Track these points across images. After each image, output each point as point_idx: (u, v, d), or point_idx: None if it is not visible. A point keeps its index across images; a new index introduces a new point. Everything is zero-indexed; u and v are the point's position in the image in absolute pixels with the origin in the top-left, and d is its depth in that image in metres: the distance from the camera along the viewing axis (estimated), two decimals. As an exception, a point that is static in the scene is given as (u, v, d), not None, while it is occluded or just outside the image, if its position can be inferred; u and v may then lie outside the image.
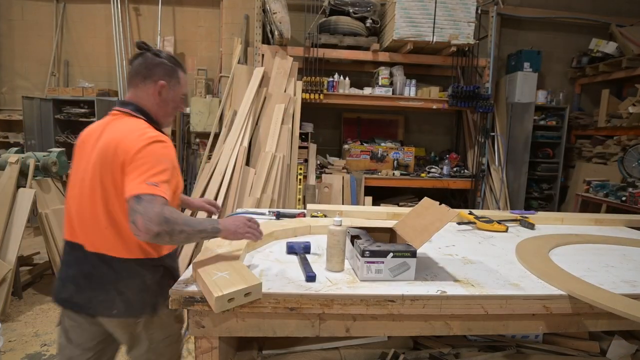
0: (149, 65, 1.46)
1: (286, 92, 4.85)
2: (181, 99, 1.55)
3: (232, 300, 1.16)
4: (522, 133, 5.43)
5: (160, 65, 1.47)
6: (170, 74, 1.48)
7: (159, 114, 1.51)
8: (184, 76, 1.54)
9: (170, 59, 1.51)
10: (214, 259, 1.42)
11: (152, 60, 1.47)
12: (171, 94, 1.50)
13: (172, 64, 1.49)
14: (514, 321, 1.35)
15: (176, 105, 1.54)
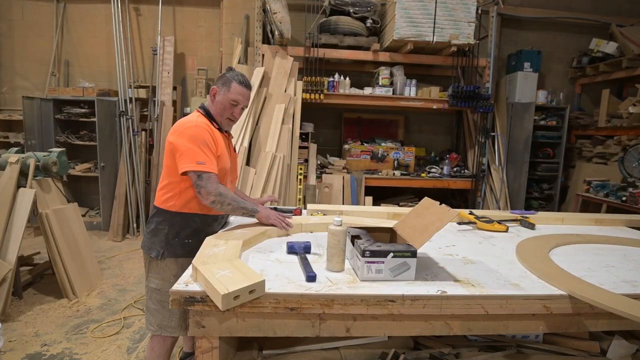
0: (218, 78, 1.97)
1: (286, 92, 4.85)
2: (230, 104, 1.91)
3: (237, 297, 1.17)
4: (522, 133, 5.43)
5: (222, 77, 1.94)
6: (224, 83, 1.92)
7: (214, 113, 1.94)
8: (239, 88, 1.91)
9: (231, 72, 1.94)
10: (214, 258, 1.42)
11: (221, 75, 1.96)
12: (220, 97, 1.92)
13: (230, 76, 1.92)
14: (514, 321, 1.35)
15: (224, 107, 1.91)
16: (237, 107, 1.93)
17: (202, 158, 1.76)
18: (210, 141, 1.81)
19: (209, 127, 1.87)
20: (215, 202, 1.75)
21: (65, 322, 3.04)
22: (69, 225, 3.50)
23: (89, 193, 5.89)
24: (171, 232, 1.88)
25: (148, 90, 5.55)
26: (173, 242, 1.88)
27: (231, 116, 1.94)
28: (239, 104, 1.93)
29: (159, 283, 1.90)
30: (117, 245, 5.01)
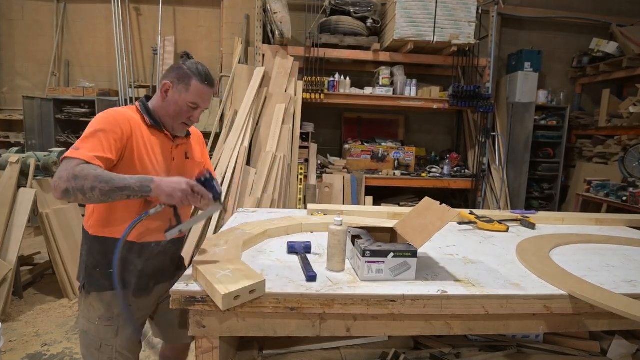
0: (170, 68, 1.55)
1: (287, 92, 4.85)
2: (188, 107, 1.50)
3: (237, 297, 1.16)
4: (522, 133, 5.43)
5: (177, 70, 1.51)
6: (181, 78, 1.49)
7: (160, 112, 1.54)
8: (201, 88, 1.50)
9: (192, 66, 1.51)
10: (214, 257, 1.42)
11: (175, 65, 1.55)
12: (174, 96, 1.50)
13: (190, 71, 1.49)
14: (514, 321, 1.35)
15: (179, 110, 1.50)
16: (197, 110, 1.53)
17: (83, 144, 1.33)
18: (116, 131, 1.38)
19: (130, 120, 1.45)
20: (69, 190, 1.24)
21: (65, 322, 3.04)
22: (69, 225, 3.50)
23: (89, 193, 5.89)
24: (90, 260, 1.51)
25: (148, 90, 5.56)
26: (94, 272, 1.50)
27: (188, 120, 1.54)
28: (200, 107, 1.53)
29: (84, 324, 1.55)
30: (118, 245, 5.00)
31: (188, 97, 1.49)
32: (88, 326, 1.53)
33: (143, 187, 1.28)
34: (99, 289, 1.50)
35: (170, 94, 1.51)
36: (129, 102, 5.41)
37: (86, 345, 1.55)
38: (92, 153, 1.31)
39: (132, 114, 1.49)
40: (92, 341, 1.53)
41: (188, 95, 1.49)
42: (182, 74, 1.49)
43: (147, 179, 1.30)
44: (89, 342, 1.54)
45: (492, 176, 5.42)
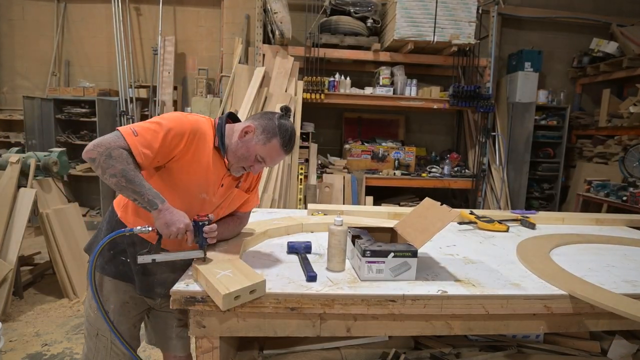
0: (264, 114, 1.51)
1: (287, 92, 4.85)
2: (254, 158, 1.46)
3: (238, 297, 1.17)
4: (522, 133, 5.43)
5: (268, 120, 1.47)
6: (267, 131, 1.45)
7: (230, 147, 1.48)
8: (278, 150, 1.46)
9: (282, 127, 1.46)
10: (214, 257, 1.42)
11: (270, 114, 1.51)
12: (250, 143, 1.45)
13: (278, 129, 1.45)
14: (514, 321, 1.35)
15: (246, 156, 1.46)
16: (262, 165, 1.50)
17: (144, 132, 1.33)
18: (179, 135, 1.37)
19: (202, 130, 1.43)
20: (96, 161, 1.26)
21: (65, 322, 3.04)
22: (69, 225, 3.50)
23: (89, 193, 5.90)
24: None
25: (149, 90, 5.56)
26: (106, 253, 1.49)
27: (248, 168, 1.50)
28: (265, 164, 1.50)
29: (86, 310, 1.58)
30: (118, 245, 5.00)
31: (261, 151, 1.46)
32: (88, 313, 1.56)
33: (151, 203, 1.29)
34: (104, 272, 1.50)
35: (248, 138, 1.46)
36: (129, 102, 5.40)
37: (87, 330, 1.59)
38: (143, 148, 1.31)
39: (208, 129, 1.47)
40: (91, 328, 1.56)
41: (262, 148, 1.45)
42: (270, 127, 1.45)
43: (159, 200, 1.30)
44: (89, 329, 1.57)
45: (492, 176, 5.41)
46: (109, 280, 1.51)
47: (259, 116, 1.51)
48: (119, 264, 1.49)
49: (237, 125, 1.53)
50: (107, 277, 1.51)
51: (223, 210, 1.61)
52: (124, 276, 1.51)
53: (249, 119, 1.53)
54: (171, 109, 5.46)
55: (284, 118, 1.51)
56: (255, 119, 1.50)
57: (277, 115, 1.50)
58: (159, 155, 1.36)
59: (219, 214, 1.60)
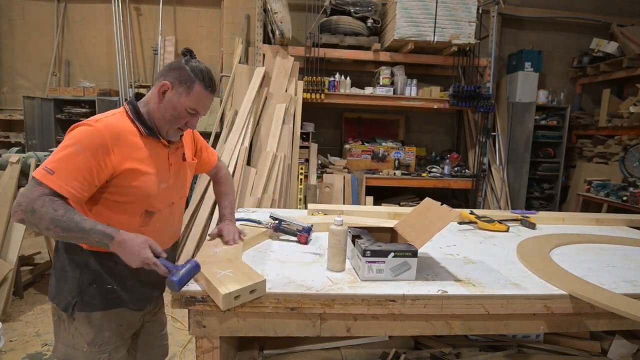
0: (170, 66, 1.38)
1: (287, 92, 4.85)
2: (186, 112, 1.36)
3: (238, 297, 1.17)
4: (523, 133, 5.43)
5: (178, 69, 1.35)
6: (183, 80, 1.34)
7: (155, 115, 1.38)
8: (204, 94, 1.36)
9: (196, 68, 1.35)
10: (215, 257, 1.42)
11: (176, 63, 1.38)
12: (174, 99, 1.34)
13: (194, 73, 1.34)
14: (515, 321, 1.35)
15: (177, 115, 1.36)
16: (195, 117, 1.40)
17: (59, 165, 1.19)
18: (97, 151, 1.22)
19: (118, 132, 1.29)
20: (25, 221, 1.15)
21: (66, 322, 3.04)
22: (69, 225, 3.50)
23: (89, 193, 5.89)
24: (85, 276, 1.36)
25: (149, 90, 5.55)
26: (88, 290, 1.37)
27: (184, 126, 1.41)
28: (199, 114, 1.40)
29: (66, 352, 1.41)
30: (118, 245, 5.00)
31: (188, 102, 1.35)
32: (73, 354, 1.39)
33: (100, 243, 1.18)
34: (92, 308, 1.37)
35: (169, 96, 1.35)
36: (129, 102, 5.41)
37: None
38: (66, 184, 1.18)
39: (122, 122, 1.33)
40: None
41: (188, 99, 1.35)
42: (185, 76, 1.34)
43: (108, 236, 1.17)
44: None
45: (492, 176, 5.41)
46: (100, 313, 1.39)
47: (167, 71, 1.37)
48: (108, 293, 1.39)
49: (146, 96, 1.43)
50: (97, 312, 1.39)
51: (187, 187, 1.61)
52: (115, 303, 1.41)
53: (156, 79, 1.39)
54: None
55: (192, 61, 1.38)
56: (164, 75, 1.36)
57: (183, 61, 1.37)
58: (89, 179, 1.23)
59: (186, 193, 1.61)
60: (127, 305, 1.45)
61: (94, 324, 1.39)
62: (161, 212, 1.45)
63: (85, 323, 1.38)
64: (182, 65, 1.35)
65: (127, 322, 1.49)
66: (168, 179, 1.46)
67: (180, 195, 1.57)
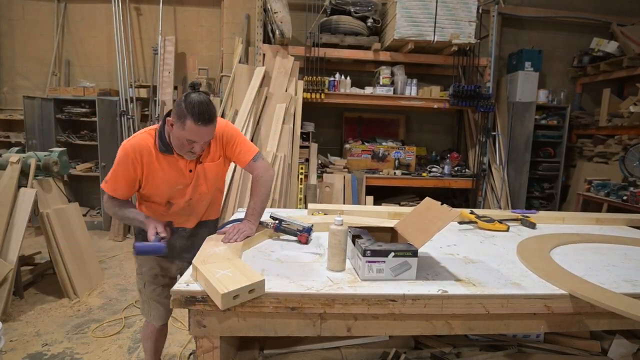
0: (176, 102, 1.66)
1: (287, 92, 4.85)
2: (187, 142, 1.64)
3: (237, 297, 1.17)
4: (523, 132, 5.43)
5: (177, 107, 1.61)
6: (180, 116, 1.60)
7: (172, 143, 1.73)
8: (195, 128, 1.58)
9: (189, 105, 1.57)
10: (214, 257, 1.43)
11: (178, 100, 1.64)
12: (176, 132, 1.64)
13: (187, 110, 1.56)
14: (515, 320, 1.35)
15: (181, 144, 1.67)
16: (197, 144, 1.66)
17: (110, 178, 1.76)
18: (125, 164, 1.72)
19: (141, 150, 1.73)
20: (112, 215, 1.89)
21: (66, 322, 3.04)
22: (69, 224, 3.51)
23: (89, 193, 5.90)
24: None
25: (149, 89, 5.56)
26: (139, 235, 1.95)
27: (191, 151, 1.70)
28: (198, 142, 1.65)
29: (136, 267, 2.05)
30: (118, 244, 5.01)
31: (186, 135, 1.61)
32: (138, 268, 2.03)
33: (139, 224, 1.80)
34: None
35: (173, 129, 1.65)
36: (130, 101, 5.40)
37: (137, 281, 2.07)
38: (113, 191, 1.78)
39: (147, 141, 1.74)
40: (138, 285, 2.07)
41: (185, 133, 1.60)
42: (180, 112, 1.59)
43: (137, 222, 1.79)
44: (137, 284, 2.07)
45: (492, 176, 5.41)
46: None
47: (174, 107, 1.66)
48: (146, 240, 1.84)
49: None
50: None
51: (203, 186, 1.89)
52: None
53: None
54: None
55: (191, 95, 1.59)
56: (172, 110, 1.68)
57: (184, 96, 1.61)
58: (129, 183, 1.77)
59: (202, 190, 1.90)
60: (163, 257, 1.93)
61: (138, 259, 2.00)
62: (179, 204, 1.89)
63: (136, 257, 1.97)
64: (180, 102, 1.61)
65: (160, 267, 1.99)
66: (184, 181, 1.83)
67: (197, 192, 1.89)
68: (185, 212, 1.93)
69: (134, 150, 1.73)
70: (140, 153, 1.73)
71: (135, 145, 1.73)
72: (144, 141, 1.75)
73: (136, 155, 1.72)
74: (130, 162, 1.72)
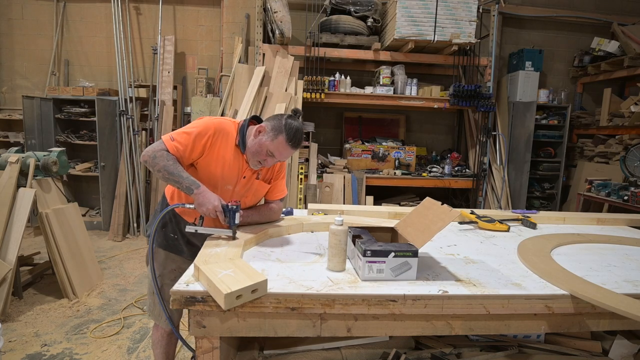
0: (275, 116, 1.77)
1: (287, 92, 4.85)
2: (266, 152, 1.72)
3: (240, 297, 1.16)
4: (523, 132, 5.42)
5: (277, 120, 1.73)
6: (275, 129, 1.71)
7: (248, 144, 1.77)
8: (284, 145, 1.70)
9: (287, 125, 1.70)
10: (215, 257, 1.42)
11: (280, 115, 1.76)
12: (262, 140, 1.72)
13: (285, 127, 1.70)
14: (515, 321, 1.34)
15: (259, 151, 1.73)
16: (273, 159, 1.76)
17: (176, 134, 1.72)
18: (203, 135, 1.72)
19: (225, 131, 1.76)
20: (148, 162, 1.67)
21: (65, 322, 3.04)
22: (69, 225, 3.50)
23: (89, 193, 5.90)
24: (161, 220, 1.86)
25: (148, 89, 5.55)
26: (159, 231, 1.88)
27: (262, 162, 1.77)
28: (276, 158, 1.76)
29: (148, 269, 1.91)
30: (118, 245, 5.01)
31: (270, 147, 1.71)
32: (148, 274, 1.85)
33: (188, 189, 1.64)
34: (159, 244, 1.88)
35: (260, 136, 1.73)
36: (129, 101, 5.40)
37: (149, 288, 1.95)
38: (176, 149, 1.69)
39: (231, 129, 1.78)
40: (150, 287, 1.93)
41: (271, 144, 1.71)
42: (277, 126, 1.71)
43: (194, 185, 1.64)
44: (149, 287, 1.93)
45: (493, 176, 5.41)
46: (162, 251, 1.89)
47: (272, 118, 1.77)
48: (169, 239, 1.89)
49: (256, 126, 1.78)
50: (160, 249, 1.89)
51: (249, 199, 1.93)
52: (173, 249, 1.89)
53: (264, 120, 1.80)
54: (171, 109, 5.46)
55: (292, 118, 1.75)
56: (268, 120, 1.77)
57: (285, 116, 1.75)
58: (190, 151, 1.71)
59: (245, 203, 1.92)
60: (183, 255, 1.91)
61: (159, 256, 1.90)
62: None
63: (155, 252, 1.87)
64: (281, 118, 1.74)
65: (179, 271, 1.84)
66: (235, 184, 1.84)
67: (244, 202, 1.90)
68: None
69: (216, 130, 1.74)
70: (220, 135, 1.75)
71: (219, 126, 1.76)
72: (229, 127, 1.78)
73: (216, 134, 1.74)
74: (206, 131, 1.72)
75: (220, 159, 1.77)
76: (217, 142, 1.75)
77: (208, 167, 1.78)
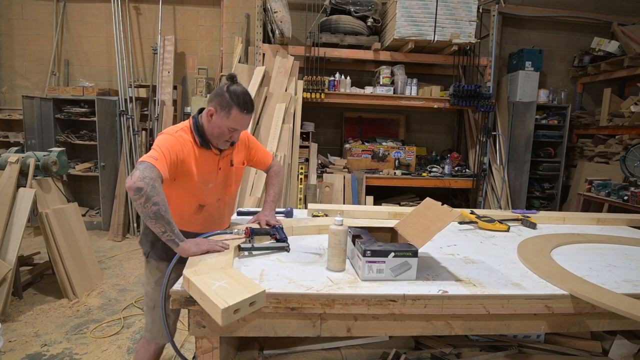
0: (215, 92, 1.73)
1: (287, 92, 4.85)
2: (228, 130, 1.70)
3: (237, 311, 1.09)
4: (523, 132, 5.42)
5: (220, 97, 1.69)
6: (224, 106, 1.67)
7: (206, 132, 1.75)
8: (240, 116, 1.68)
9: (232, 91, 1.67)
10: (207, 267, 1.34)
11: (219, 90, 1.71)
12: (218, 122, 1.69)
13: (230, 99, 1.66)
14: (515, 321, 1.34)
15: (221, 133, 1.71)
16: (237, 132, 1.75)
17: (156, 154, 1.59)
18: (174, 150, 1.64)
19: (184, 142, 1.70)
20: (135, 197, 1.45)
21: (65, 322, 3.03)
22: (69, 225, 3.50)
23: (89, 193, 5.89)
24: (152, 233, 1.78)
25: (148, 89, 5.55)
26: (157, 243, 1.80)
27: (229, 139, 1.76)
28: (239, 130, 1.74)
29: (145, 287, 1.89)
30: (118, 245, 5.01)
31: (229, 123, 1.69)
32: (147, 289, 1.87)
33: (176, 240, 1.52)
34: (159, 258, 1.81)
35: (214, 119, 1.70)
36: (129, 101, 5.40)
37: (145, 305, 1.89)
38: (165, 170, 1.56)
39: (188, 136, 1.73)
40: (149, 302, 1.86)
41: (229, 121, 1.69)
42: (225, 102, 1.67)
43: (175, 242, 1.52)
44: (147, 303, 1.87)
45: (493, 176, 5.41)
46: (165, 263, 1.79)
47: (213, 97, 1.72)
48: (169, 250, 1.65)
49: (203, 113, 1.77)
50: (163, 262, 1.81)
51: (233, 187, 1.95)
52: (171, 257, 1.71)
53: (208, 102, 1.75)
54: (171, 109, 5.46)
55: (232, 86, 1.70)
56: (211, 100, 1.72)
57: (225, 87, 1.70)
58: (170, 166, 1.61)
59: (232, 192, 1.95)
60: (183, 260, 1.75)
61: (161, 269, 1.82)
62: (210, 205, 1.85)
63: (155, 267, 1.83)
64: (223, 92, 1.69)
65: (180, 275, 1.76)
66: (215, 180, 1.83)
67: (227, 193, 1.92)
68: (214, 215, 1.89)
69: (178, 142, 1.69)
70: (184, 144, 1.70)
71: (179, 137, 1.70)
72: (186, 135, 1.74)
73: (182, 146, 1.69)
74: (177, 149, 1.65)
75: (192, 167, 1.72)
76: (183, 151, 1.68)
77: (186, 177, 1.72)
